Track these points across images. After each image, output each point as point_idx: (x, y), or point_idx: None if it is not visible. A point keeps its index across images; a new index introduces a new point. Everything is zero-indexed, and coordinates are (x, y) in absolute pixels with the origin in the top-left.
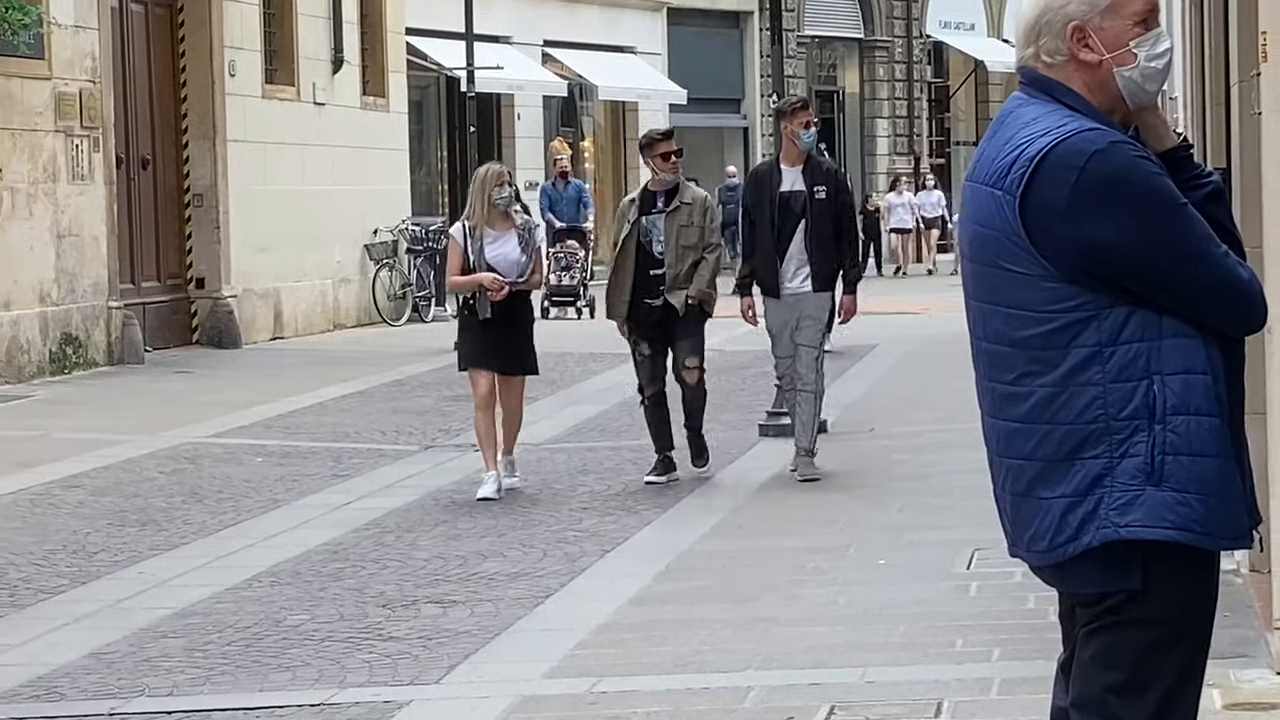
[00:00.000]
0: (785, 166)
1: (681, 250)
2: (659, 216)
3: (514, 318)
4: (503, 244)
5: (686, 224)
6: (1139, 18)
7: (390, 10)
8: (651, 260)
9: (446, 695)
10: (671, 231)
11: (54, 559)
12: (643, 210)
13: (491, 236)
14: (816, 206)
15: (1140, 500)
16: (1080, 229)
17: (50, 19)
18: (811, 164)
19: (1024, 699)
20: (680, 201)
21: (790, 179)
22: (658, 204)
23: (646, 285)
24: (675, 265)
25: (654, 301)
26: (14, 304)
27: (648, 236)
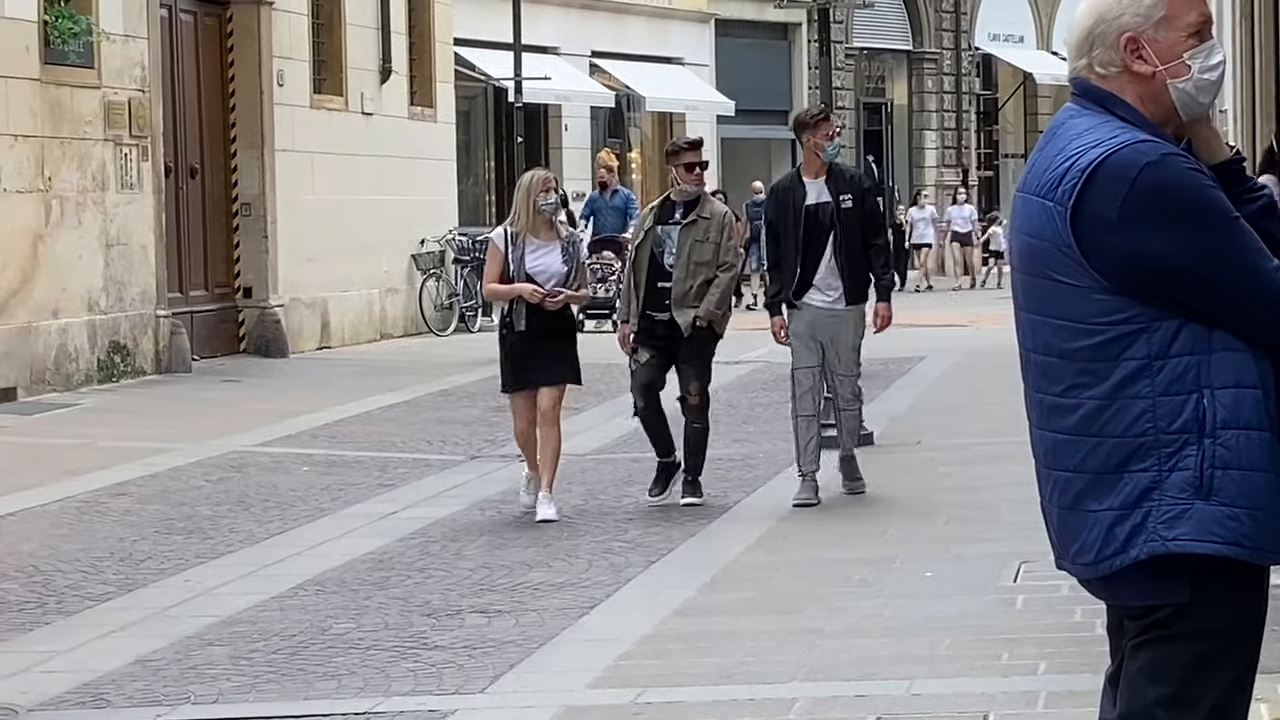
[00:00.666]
0: (808, 179)
1: (693, 266)
2: (674, 228)
3: (555, 331)
4: (545, 254)
5: (702, 239)
6: (1193, 29)
7: (438, 21)
8: (662, 273)
9: (491, 705)
10: (685, 245)
11: (101, 566)
12: (659, 220)
13: (534, 245)
14: (844, 216)
15: (1189, 514)
16: (1131, 241)
17: (100, 28)
18: (834, 173)
19: (1070, 712)
20: (699, 215)
21: (815, 191)
22: (675, 215)
23: (654, 298)
24: (684, 280)
25: (660, 315)
26: (62, 312)
27: (660, 247)
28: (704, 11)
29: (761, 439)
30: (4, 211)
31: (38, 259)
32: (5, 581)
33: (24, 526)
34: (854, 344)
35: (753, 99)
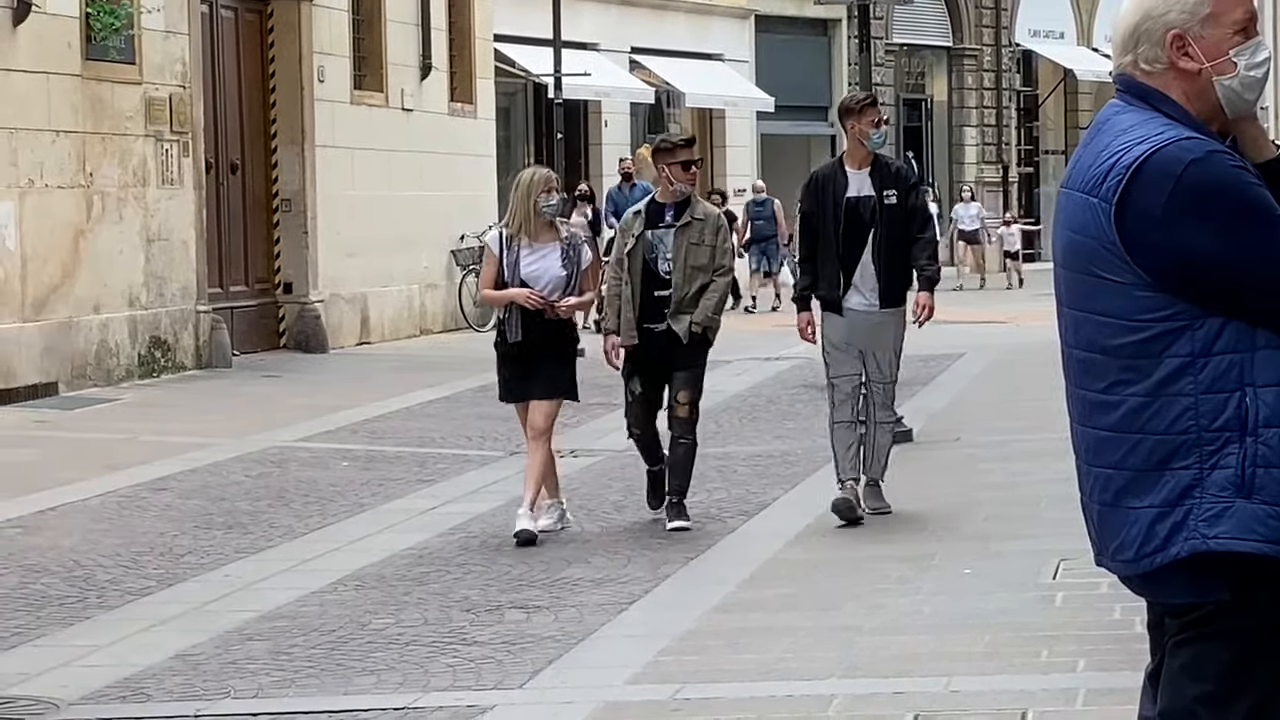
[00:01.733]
0: (851, 169)
1: (690, 271)
2: (666, 231)
3: (552, 341)
4: (543, 257)
5: (697, 242)
6: (1239, 26)
7: (478, 17)
8: (656, 280)
9: (530, 700)
10: (681, 249)
11: (141, 561)
12: (649, 224)
13: (531, 248)
14: (887, 214)
15: (1230, 512)
16: (1175, 238)
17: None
18: (879, 166)
19: (1110, 710)
20: (692, 217)
21: (857, 183)
22: (665, 218)
23: (650, 308)
24: (683, 287)
25: (657, 326)
26: (103, 307)
27: (653, 253)
28: (744, 7)
29: (802, 435)
30: (46, 207)
31: (79, 254)
32: (46, 576)
33: (65, 521)
34: (895, 347)
35: (792, 95)
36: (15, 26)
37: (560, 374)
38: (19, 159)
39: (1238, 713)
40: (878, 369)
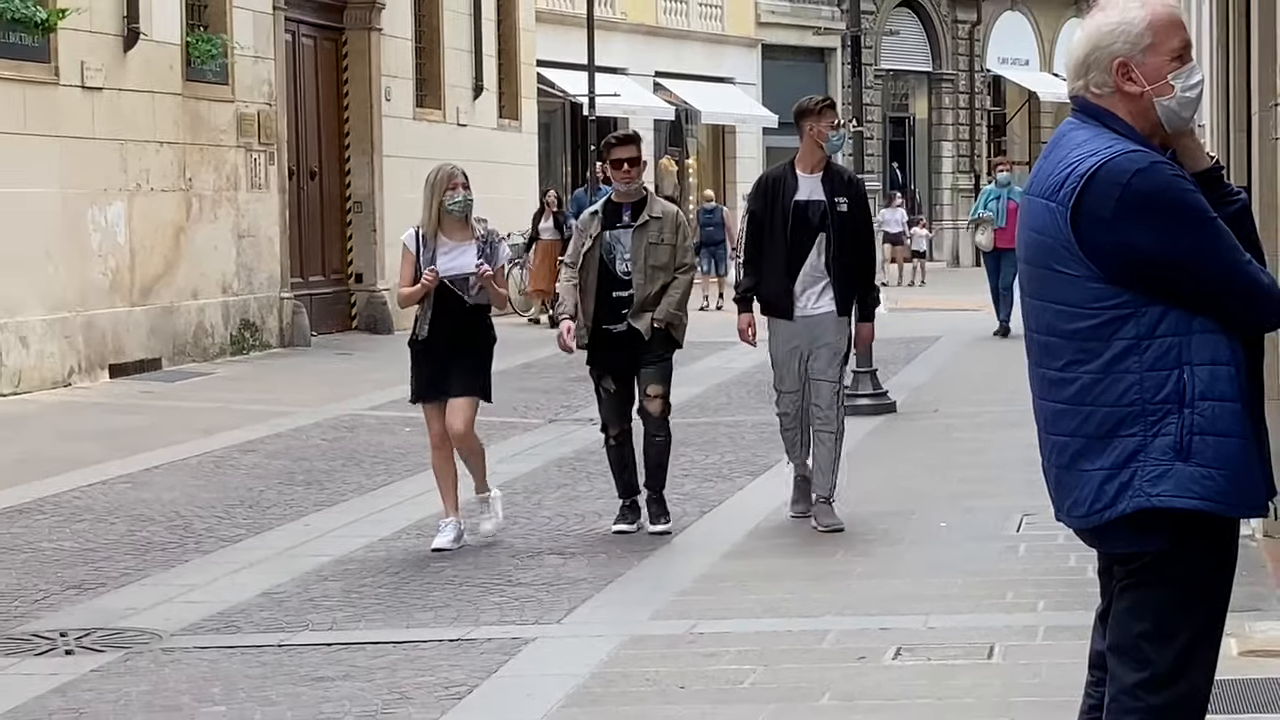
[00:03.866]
0: (802, 172)
1: (651, 270)
2: (624, 231)
3: (468, 338)
4: (459, 255)
5: (656, 241)
6: (1175, 54)
7: (523, 45)
8: (615, 281)
9: (566, 634)
10: (639, 249)
11: (233, 513)
12: (606, 225)
13: (447, 246)
14: (839, 220)
15: (1170, 474)
16: (1123, 237)
17: (234, 46)
18: (832, 172)
19: (1066, 644)
20: (649, 215)
21: (808, 187)
22: (623, 218)
23: (609, 309)
24: (644, 286)
25: (617, 327)
26: (201, 294)
27: (611, 254)
28: (752, 38)
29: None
30: (152, 208)
31: (180, 249)
32: (151, 525)
33: (167, 478)
34: (836, 346)
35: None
36: (126, 52)
37: (476, 373)
38: (129, 166)
39: (1175, 646)
40: (815, 363)
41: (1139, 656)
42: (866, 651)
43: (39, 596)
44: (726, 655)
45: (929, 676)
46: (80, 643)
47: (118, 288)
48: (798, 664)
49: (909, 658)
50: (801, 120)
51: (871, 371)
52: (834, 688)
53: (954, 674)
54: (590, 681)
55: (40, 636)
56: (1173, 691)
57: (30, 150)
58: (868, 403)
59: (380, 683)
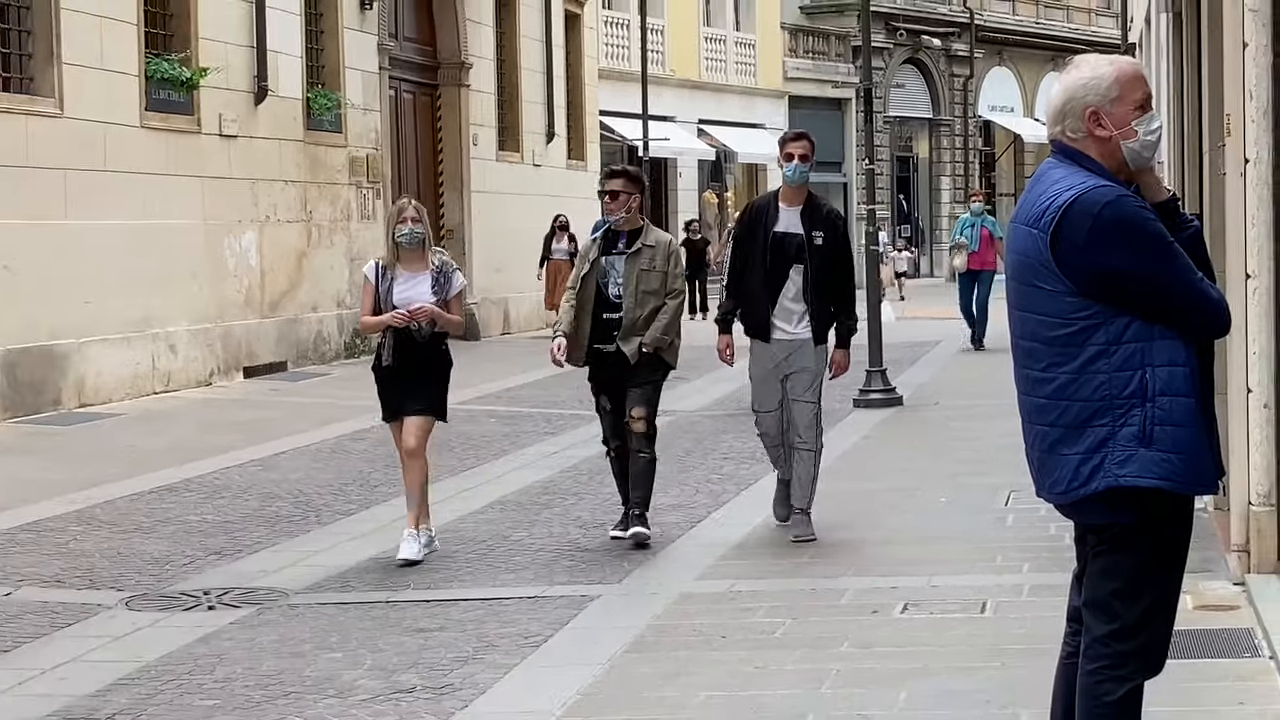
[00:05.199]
0: (784, 205)
1: (641, 295)
2: (618, 257)
3: (426, 364)
4: (414, 285)
5: (648, 268)
6: (1138, 104)
7: (588, 97)
8: (607, 303)
9: (625, 592)
10: (631, 275)
11: (346, 490)
12: (604, 250)
13: (403, 277)
14: (814, 252)
15: (1135, 458)
16: (1095, 259)
17: (347, 102)
18: (812, 206)
19: (1047, 600)
20: (643, 244)
21: (787, 219)
22: (619, 245)
23: (600, 330)
24: (633, 310)
25: (607, 348)
26: (319, 308)
27: (605, 278)
28: (780, 90)
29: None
30: (278, 236)
31: (301, 270)
32: (278, 501)
33: (292, 462)
34: (814, 369)
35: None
36: (256, 105)
37: (432, 393)
38: (259, 201)
39: (1141, 603)
40: (797, 387)
41: (1110, 611)
42: (879, 606)
43: (185, 561)
44: (760, 610)
45: (932, 628)
46: (220, 600)
47: (250, 303)
48: (821, 617)
49: (915, 612)
50: (780, 150)
51: (882, 370)
52: (852, 637)
53: (953, 625)
54: (646, 632)
55: (187, 595)
56: (1138, 640)
57: (177, 188)
58: (879, 397)
59: (470, 633)
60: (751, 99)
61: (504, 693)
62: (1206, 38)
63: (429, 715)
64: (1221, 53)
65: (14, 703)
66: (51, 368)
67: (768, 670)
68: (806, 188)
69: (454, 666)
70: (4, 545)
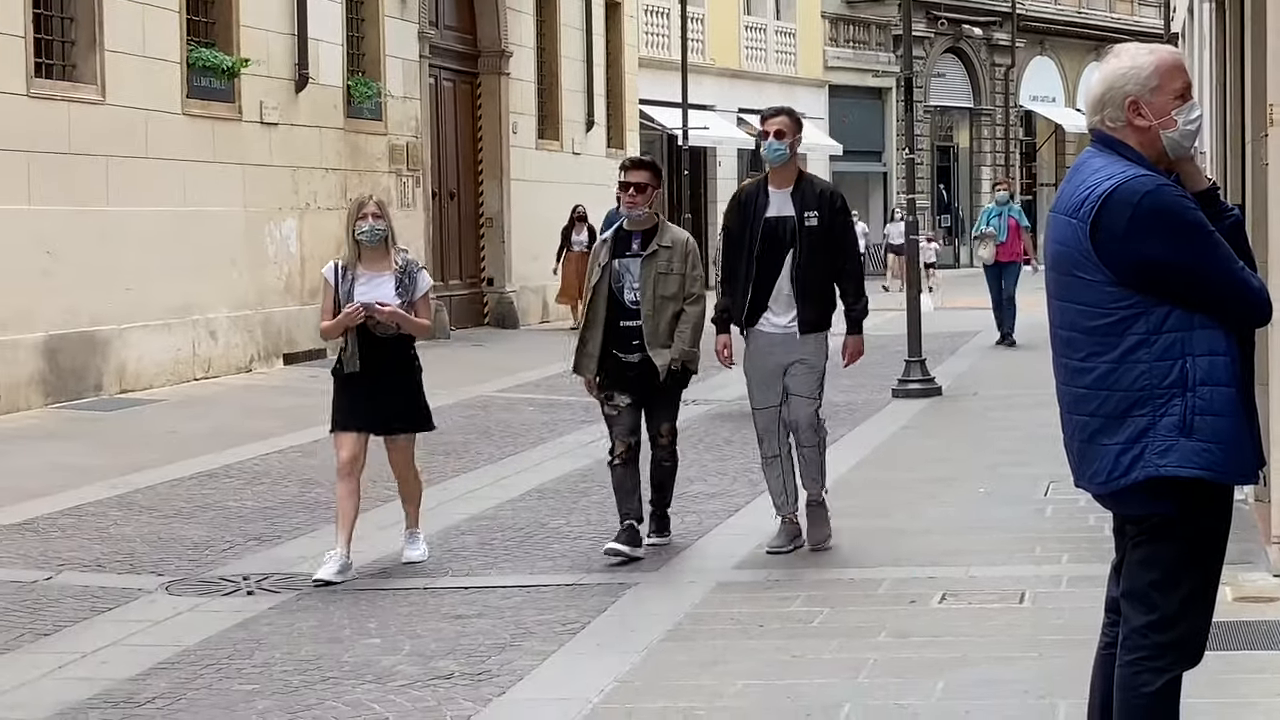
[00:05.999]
0: (773, 188)
1: (659, 301)
2: (632, 260)
3: (392, 369)
4: (378, 286)
5: (665, 271)
6: (1178, 93)
7: (628, 86)
8: (623, 310)
9: (663, 580)
10: (648, 279)
11: (385, 477)
12: (615, 253)
13: (365, 277)
14: (807, 236)
15: (1175, 448)
16: (1134, 248)
17: (386, 91)
18: (803, 185)
19: (1086, 591)
20: (658, 245)
21: (778, 203)
22: (632, 246)
23: (619, 338)
24: (653, 318)
25: (630, 357)
26: None
27: (619, 283)
28: (820, 79)
29: (860, 390)
30: (318, 223)
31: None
32: (318, 487)
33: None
34: (812, 363)
35: (855, 143)
36: (297, 93)
37: (412, 405)
38: (299, 188)
39: (1179, 594)
40: (797, 386)
41: (1148, 602)
42: (916, 596)
43: (225, 546)
44: (798, 599)
45: (970, 618)
46: (259, 585)
47: (290, 289)
48: (859, 607)
49: (953, 602)
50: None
51: (921, 360)
52: (889, 626)
53: (991, 615)
54: (684, 620)
55: (226, 580)
56: (1176, 631)
57: (218, 175)
58: (918, 387)
59: (508, 619)
60: (791, 88)
61: (541, 679)
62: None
63: (466, 701)
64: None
65: (55, 686)
66: (93, 353)
67: (804, 659)
68: (796, 167)
69: (492, 653)
70: (45, 530)
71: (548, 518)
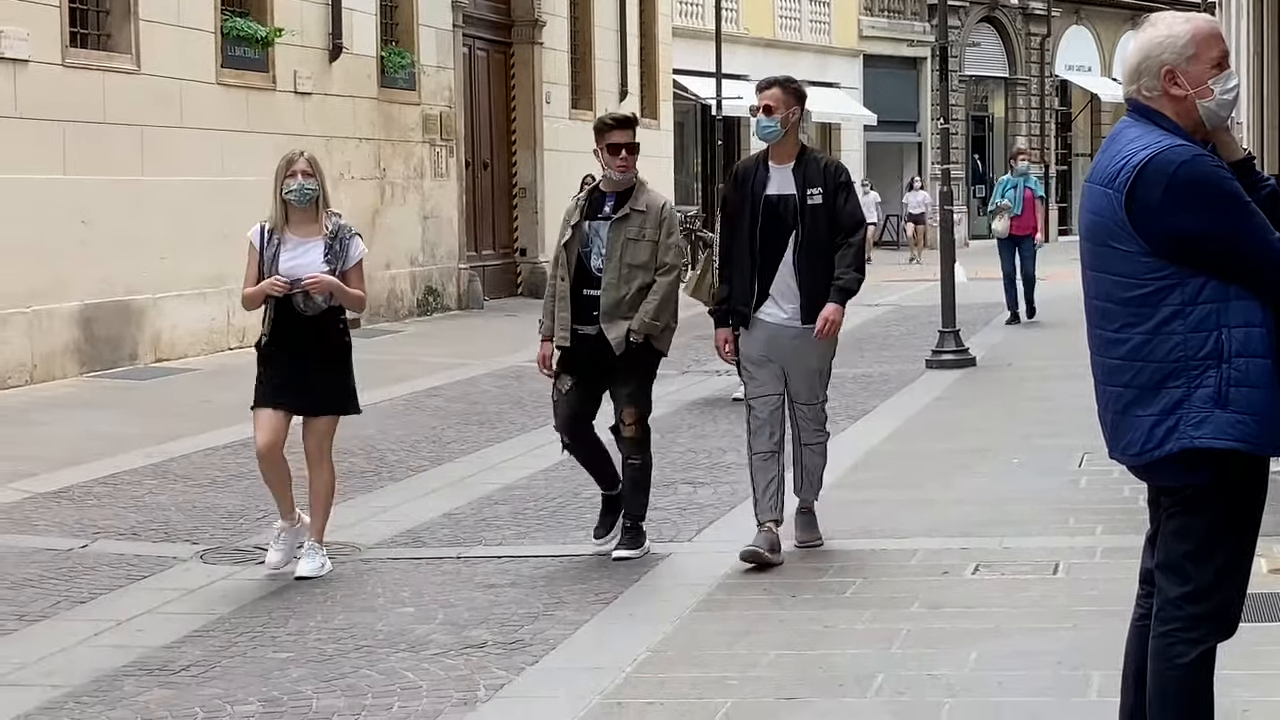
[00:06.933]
0: (773, 164)
1: (626, 270)
2: (602, 224)
3: (321, 347)
4: (305, 252)
5: (636, 237)
6: (1215, 62)
7: (662, 56)
8: (589, 278)
9: (696, 550)
10: (616, 244)
11: (419, 447)
12: (587, 214)
13: (292, 242)
14: (810, 214)
15: (1210, 419)
16: (1170, 219)
17: (420, 62)
18: (805, 160)
19: (1120, 562)
20: (631, 208)
21: (778, 180)
22: (604, 208)
23: (580, 309)
24: (617, 287)
25: (586, 329)
26: (393, 265)
27: (587, 247)
28: (855, 49)
29: (897, 361)
30: (353, 193)
31: (375, 228)
32: (352, 457)
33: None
34: (818, 366)
35: (890, 113)
36: (331, 63)
37: (334, 385)
38: (333, 158)
39: (1214, 565)
40: (800, 390)
41: (1182, 573)
42: (949, 567)
43: (260, 515)
44: (831, 569)
45: (1003, 589)
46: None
47: None
48: (892, 577)
49: (986, 573)
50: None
51: (955, 331)
52: (922, 597)
53: (1025, 587)
54: (716, 590)
55: (261, 549)
56: (1210, 603)
57: (251, 145)
58: (952, 358)
59: (541, 589)
60: (826, 58)
61: (574, 649)
62: None
63: (500, 670)
64: None
65: (90, 654)
66: (128, 323)
67: (837, 629)
68: (797, 141)
69: (525, 622)
70: (81, 498)
71: (581, 487)
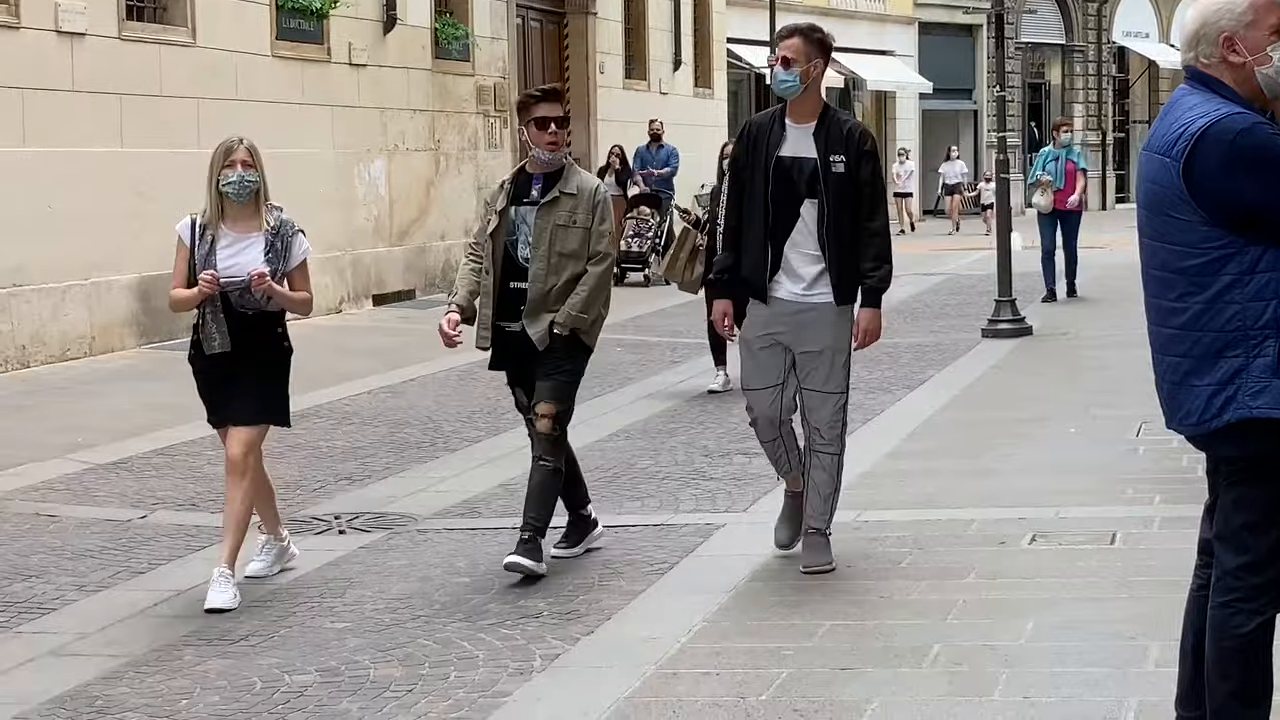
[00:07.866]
0: (791, 122)
1: (556, 259)
2: (529, 209)
3: (255, 351)
4: (243, 249)
5: (566, 223)
6: (1274, 29)
7: (715, 24)
8: (516, 269)
9: (751, 520)
10: (544, 232)
11: (474, 418)
12: (514, 199)
13: (229, 239)
14: (832, 182)
15: (1269, 389)
16: (1228, 187)
17: (474, 33)
18: (828, 121)
19: (1178, 533)
20: (560, 191)
21: (795, 141)
22: (531, 192)
23: (506, 303)
24: (544, 278)
25: (512, 326)
26: (447, 236)
27: (514, 235)
28: (910, 16)
29: (951, 331)
30: (408, 164)
31: (430, 199)
32: (408, 428)
33: (422, 389)
34: (835, 347)
35: (945, 81)
36: (385, 35)
37: (267, 392)
38: (388, 130)
39: (1273, 536)
40: (811, 373)
41: (1241, 544)
42: (1006, 537)
43: (316, 486)
44: (887, 540)
45: (1060, 559)
46: (350, 524)
47: (379, 231)
48: (947, 548)
49: (1042, 543)
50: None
51: (1011, 300)
52: (978, 568)
53: (1081, 557)
54: (771, 560)
55: (318, 519)
56: (1269, 573)
57: (307, 117)
58: (1008, 327)
59: (596, 559)
60: (881, 25)
61: (629, 619)
62: None
63: (555, 640)
64: None
65: (150, 623)
66: None
67: (893, 600)
68: (819, 99)
69: (580, 592)
70: (140, 469)
71: (635, 458)
